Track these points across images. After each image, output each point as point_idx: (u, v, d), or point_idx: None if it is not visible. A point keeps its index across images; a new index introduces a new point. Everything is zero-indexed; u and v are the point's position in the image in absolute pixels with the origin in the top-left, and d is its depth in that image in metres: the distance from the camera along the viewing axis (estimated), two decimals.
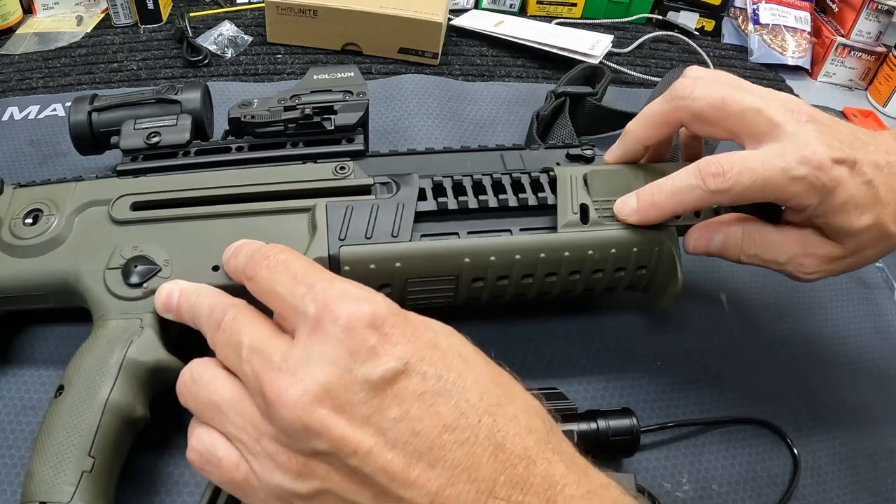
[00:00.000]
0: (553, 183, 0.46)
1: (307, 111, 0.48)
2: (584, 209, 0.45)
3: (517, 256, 0.44)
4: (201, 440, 0.32)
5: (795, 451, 0.49)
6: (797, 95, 0.88)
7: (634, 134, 0.48)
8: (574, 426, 0.44)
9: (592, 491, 0.28)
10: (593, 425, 0.44)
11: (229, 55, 0.81)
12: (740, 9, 1.00)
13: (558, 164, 0.49)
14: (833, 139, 0.41)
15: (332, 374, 0.28)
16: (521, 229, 0.45)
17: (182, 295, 0.38)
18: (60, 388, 0.39)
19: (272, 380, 0.29)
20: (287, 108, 0.49)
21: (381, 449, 0.27)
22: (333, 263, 0.43)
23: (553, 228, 0.45)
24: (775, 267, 0.45)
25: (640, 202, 0.44)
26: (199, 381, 0.32)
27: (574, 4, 0.96)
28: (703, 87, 0.44)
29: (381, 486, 0.27)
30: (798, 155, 0.40)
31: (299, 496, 0.29)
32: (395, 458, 0.27)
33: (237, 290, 0.43)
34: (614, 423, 0.44)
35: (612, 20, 0.97)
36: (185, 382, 0.33)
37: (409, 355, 0.28)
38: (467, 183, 0.46)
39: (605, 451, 0.45)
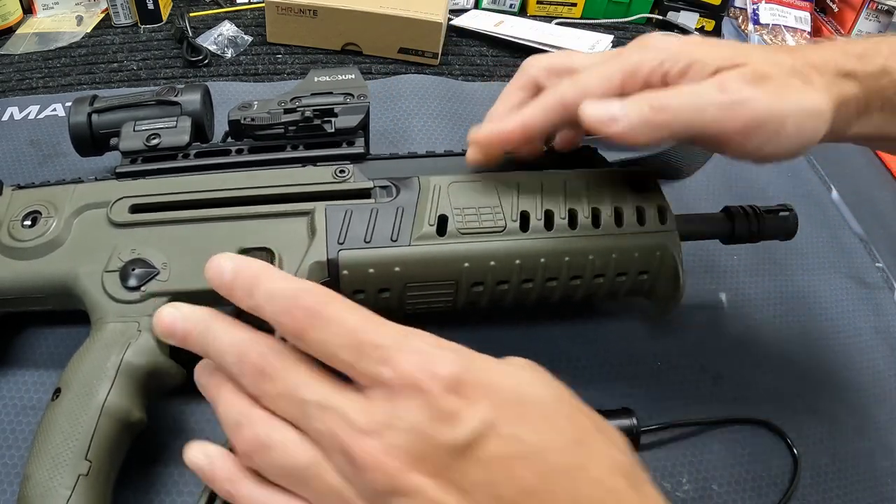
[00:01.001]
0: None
1: (307, 114, 0.48)
2: (442, 220, 0.44)
3: (517, 261, 0.44)
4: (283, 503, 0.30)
5: (795, 451, 0.49)
6: None
7: (517, 119, 0.45)
8: None
9: None
10: None
11: (229, 55, 0.81)
12: (740, 9, 1.00)
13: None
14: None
15: (418, 439, 0.27)
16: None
17: (187, 321, 0.33)
18: (57, 392, 0.39)
19: (358, 443, 0.27)
20: (287, 111, 0.49)
21: None
22: (332, 267, 0.43)
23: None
24: (699, 115, 0.38)
25: (629, 110, 0.38)
26: (270, 444, 0.29)
27: (574, 4, 0.96)
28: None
29: None
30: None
31: None
32: None
33: None
34: (614, 423, 0.44)
35: (612, 20, 0.97)
36: (254, 445, 0.29)
37: (490, 416, 0.27)
38: None
39: None
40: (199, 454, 0.31)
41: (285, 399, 0.29)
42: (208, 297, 0.43)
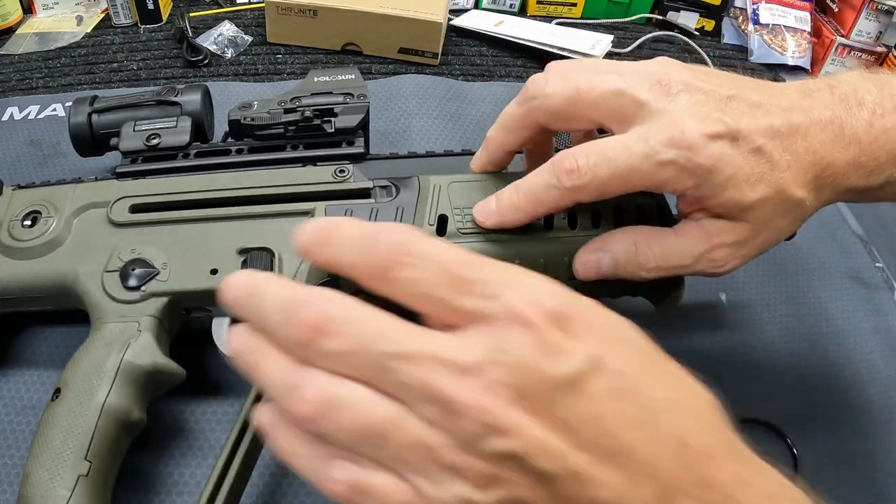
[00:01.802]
0: None
1: (307, 113, 0.48)
2: (442, 220, 0.44)
3: (517, 262, 0.43)
4: (351, 470, 0.27)
5: (795, 451, 0.49)
6: None
7: (495, 140, 0.45)
8: None
9: (774, 490, 0.28)
10: None
11: (229, 55, 0.81)
12: (740, 9, 1.00)
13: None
14: (712, 109, 0.37)
15: (521, 374, 0.25)
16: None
17: (236, 286, 0.29)
18: (57, 392, 0.39)
19: (451, 384, 0.25)
20: (287, 111, 0.49)
21: (572, 450, 0.25)
22: None
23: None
24: (685, 271, 0.41)
25: (499, 204, 0.41)
26: (339, 402, 0.26)
27: (574, 4, 0.96)
28: (554, 82, 0.40)
29: (568, 488, 0.25)
30: (665, 136, 0.36)
31: None
32: (586, 460, 0.25)
33: None
34: None
35: (612, 20, 0.97)
36: (318, 406, 0.26)
37: (596, 351, 0.26)
38: None
39: None
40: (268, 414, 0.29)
41: (355, 356, 0.26)
42: (209, 297, 0.43)
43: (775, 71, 0.93)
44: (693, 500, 0.26)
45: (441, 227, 0.44)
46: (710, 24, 0.98)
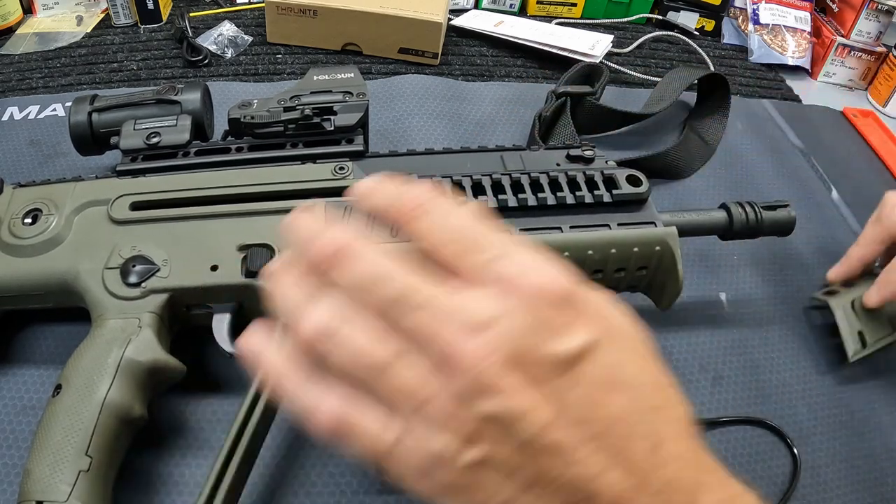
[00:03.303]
0: (553, 183, 0.46)
1: (307, 112, 0.48)
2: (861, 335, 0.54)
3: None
4: (340, 403, 0.27)
5: (795, 451, 0.48)
6: (797, 95, 0.88)
7: (856, 254, 0.56)
8: None
9: (733, 497, 0.29)
10: None
11: (229, 55, 0.81)
12: (740, 9, 1.00)
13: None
14: None
15: (523, 341, 0.26)
16: (521, 230, 0.44)
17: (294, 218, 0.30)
18: (58, 388, 0.39)
19: (456, 340, 0.25)
20: (287, 109, 0.49)
21: (559, 424, 0.26)
22: None
23: (553, 228, 0.45)
24: None
25: (879, 288, 0.53)
26: (341, 332, 0.27)
27: (574, 4, 0.96)
28: None
29: (546, 462, 0.26)
30: None
31: (456, 466, 0.26)
32: (569, 436, 0.26)
33: (237, 290, 0.43)
34: None
35: (612, 20, 0.97)
36: (323, 330, 0.27)
37: (596, 337, 0.27)
38: (466, 183, 0.46)
39: None
40: (253, 340, 0.29)
41: (370, 290, 0.27)
42: (209, 294, 0.43)
43: (775, 71, 0.93)
44: (660, 498, 0.27)
45: (863, 341, 0.52)
46: (710, 24, 0.98)
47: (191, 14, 0.86)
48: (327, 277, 0.27)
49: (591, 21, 0.96)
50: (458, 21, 0.90)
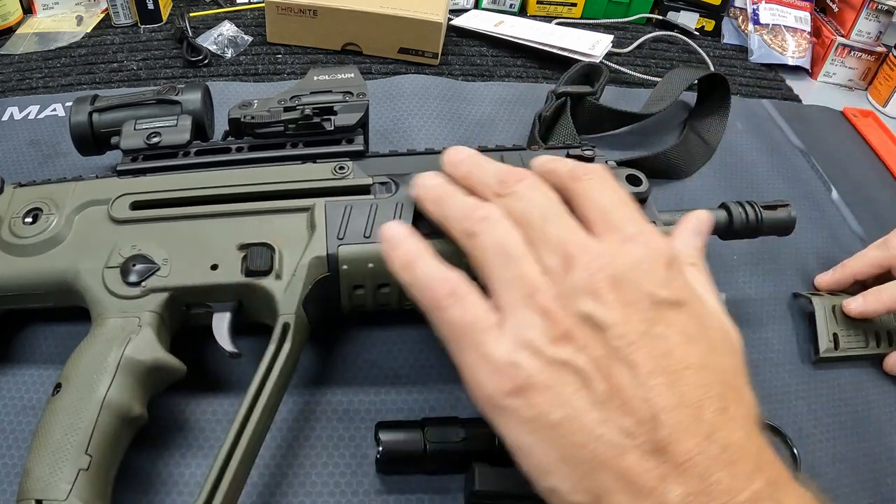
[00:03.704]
0: None
1: (307, 112, 0.48)
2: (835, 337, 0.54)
3: None
4: (462, 279, 0.34)
5: (795, 451, 0.48)
6: (797, 95, 0.88)
7: (852, 269, 0.57)
8: None
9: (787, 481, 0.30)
10: None
11: (229, 55, 0.81)
12: (740, 9, 1.00)
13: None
14: None
15: (632, 274, 0.31)
16: None
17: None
18: (58, 387, 0.39)
19: (582, 248, 0.32)
20: (287, 109, 0.49)
21: (642, 346, 0.30)
22: (332, 262, 0.43)
23: None
24: None
25: (866, 300, 0.54)
26: (492, 222, 0.35)
27: (574, 4, 0.96)
28: None
29: (621, 378, 0.30)
30: None
31: (542, 357, 0.31)
32: (648, 361, 0.30)
33: (237, 289, 0.43)
34: None
35: (612, 20, 0.97)
36: (479, 219, 0.35)
37: (688, 297, 0.32)
38: None
39: None
40: (395, 226, 0.38)
41: (525, 210, 0.34)
42: (209, 293, 0.43)
43: (775, 71, 0.93)
44: (724, 456, 0.28)
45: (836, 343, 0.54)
46: (710, 24, 0.98)
47: (191, 14, 0.86)
48: (502, 188, 0.36)
49: (591, 21, 0.96)
50: (458, 21, 0.90)
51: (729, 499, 0.27)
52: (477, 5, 0.96)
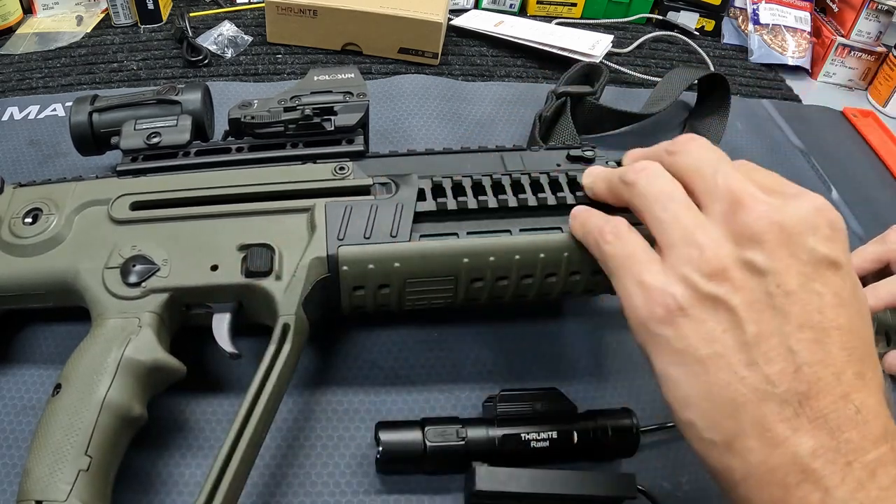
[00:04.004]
0: (554, 184, 0.46)
1: (307, 112, 0.48)
2: None
3: (516, 257, 0.44)
4: (622, 220, 0.38)
5: None
6: (797, 95, 0.88)
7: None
8: (574, 426, 0.44)
9: None
10: (593, 425, 0.44)
11: (229, 55, 0.81)
12: (740, 9, 1.00)
13: None
14: None
15: (799, 227, 0.31)
16: (521, 230, 0.44)
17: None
18: (58, 387, 0.39)
19: (752, 197, 0.33)
20: (287, 109, 0.49)
21: (798, 298, 0.30)
22: (332, 263, 0.43)
23: (553, 229, 0.45)
24: None
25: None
26: (651, 172, 0.37)
27: (574, 4, 0.96)
28: None
29: (772, 326, 0.31)
30: None
31: (698, 293, 0.32)
32: (800, 313, 0.30)
33: (237, 290, 0.43)
34: (614, 422, 0.44)
35: (612, 20, 0.97)
36: (638, 169, 0.37)
37: (845, 260, 0.32)
38: (467, 183, 0.46)
39: (605, 450, 0.45)
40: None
41: (697, 161, 0.36)
42: (209, 293, 0.43)
43: (775, 71, 0.93)
44: (859, 417, 0.29)
45: None
46: (710, 24, 0.98)
47: (191, 14, 0.86)
48: (662, 151, 0.38)
49: (591, 21, 0.96)
50: (458, 21, 0.90)
51: (855, 458, 0.28)
52: (477, 5, 0.96)
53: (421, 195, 0.45)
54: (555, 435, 0.43)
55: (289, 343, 0.41)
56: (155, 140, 0.48)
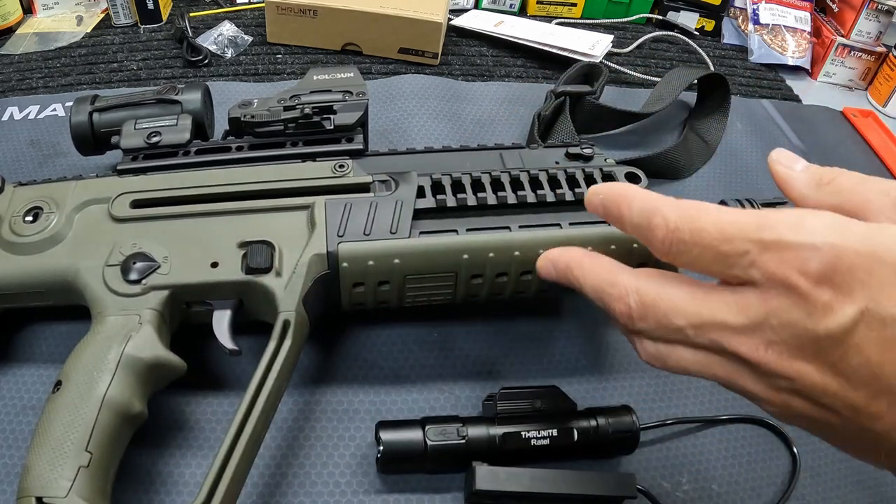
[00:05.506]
0: (552, 181, 0.46)
1: (307, 111, 0.48)
2: None
3: (516, 253, 0.44)
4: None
5: (795, 451, 0.48)
6: (797, 95, 0.88)
7: None
8: (574, 424, 0.44)
9: None
10: (593, 422, 0.44)
11: (229, 55, 0.81)
12: (740, 9, 1.00)
13: None
14: None
15: (790, 332, 0.29)
16: (520, 226, 0.45)
17: (558, 259, 0.38)
18: (58, 384, 0.39)
19: (740, 343, 0.30)
20: (287, 108, 0.49)
21: (846, 390, 0.29)
22: (332, 260, 0.43)
23: (552, 225, 0.45)
24: None
25: None
26: (668, 354, 0.34)
27: (574, 4, 0.96)
28: None
29: (848, 417, 0.30)
30: None
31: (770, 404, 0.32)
32: (859, 396, 0.29)
33: (237, 286, 0.43)
34: (614, 420, 0.44)
35: (612, 20, 0.97)
36: (655, 356, 0.34)
37: (864, 303, 0.28)
38: (466, 181, 0.46)
39: (605, 448, 0.45)
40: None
41: (663, 330, 0.33)
42: (209, 291, 0.43)
43: (775, 71, 0.93)
44: None
45: None
46: (710, 24, 0.98)
47: (191, 14, 0.87)
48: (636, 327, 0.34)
49: (591, 21, 0.96)
50: (458, 21, 0.90)
51: None
52: (477, 5, 0.96)
53: (420, 192, 0.45)
54: (555, 433, 0.43)
55: (289, 339, 0.41)
56: (155, 139, 0.48)
